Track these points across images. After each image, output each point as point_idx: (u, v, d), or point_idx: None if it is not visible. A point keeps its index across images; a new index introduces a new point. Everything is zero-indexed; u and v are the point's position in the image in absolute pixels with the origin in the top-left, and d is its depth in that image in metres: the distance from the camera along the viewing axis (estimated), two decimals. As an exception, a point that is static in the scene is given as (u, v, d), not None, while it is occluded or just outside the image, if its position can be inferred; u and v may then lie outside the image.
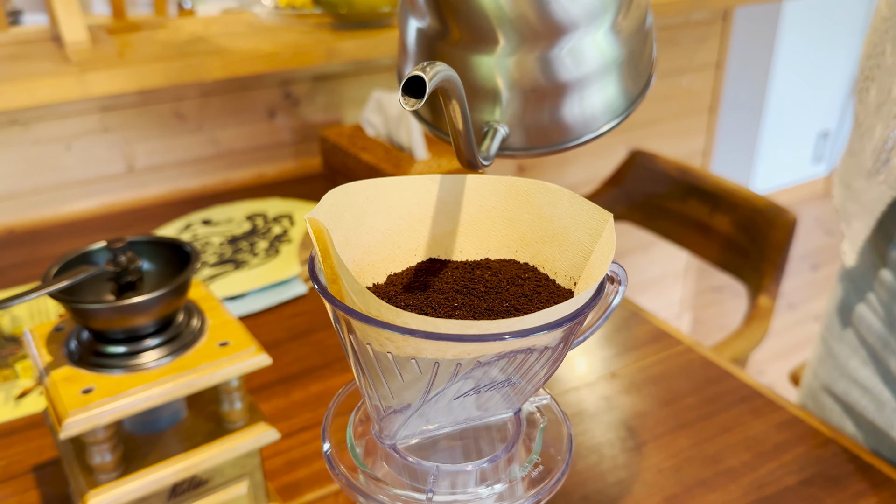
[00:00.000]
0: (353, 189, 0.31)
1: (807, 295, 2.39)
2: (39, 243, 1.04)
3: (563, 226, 0.32)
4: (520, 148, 0.37)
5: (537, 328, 0.24)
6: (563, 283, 0.32)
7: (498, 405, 0.30)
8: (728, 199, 1.23)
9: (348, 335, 0.27)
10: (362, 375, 0.28)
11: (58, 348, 0.53)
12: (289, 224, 1.05)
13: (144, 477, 0.52)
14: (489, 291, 0.30)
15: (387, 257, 0.33)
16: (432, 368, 0.25)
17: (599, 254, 0.29)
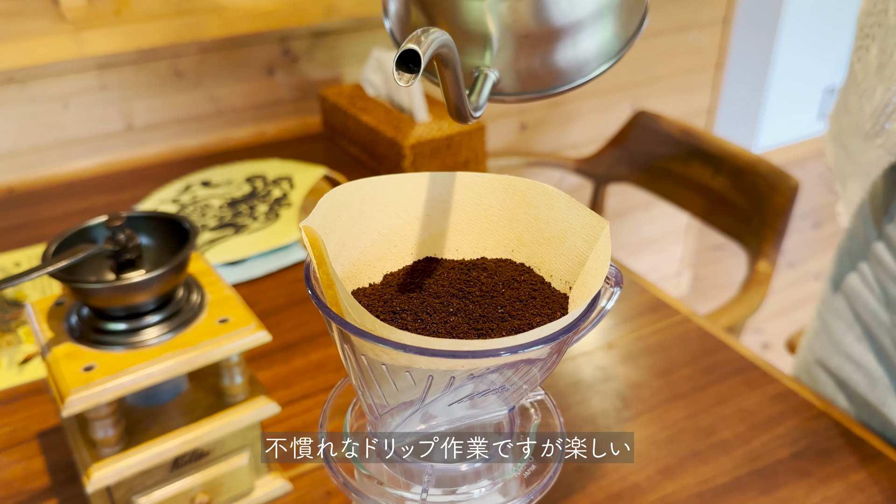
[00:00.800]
0: (348, 189, 0.31)
1: (807, 253, 2.39)
2: (40, 204, 1.03)
3: (560, 229, 0.32)
4: (511, 93, 0.36)
5: (531, 344, 0.25)
6: (558, 287, 0.32)
7: (493, 405, 0.30)
8: (731, 161, 1.22)
9: (343, 344, 0.27)
10: (357, 379, 0.28)
11: (59, 324, 0.54)
12: (288, 187, 1.05)
13: (147, 450, 0.53)
14: (485, 296, 0.30)
15: (383, 256, 0.33)
16: (426, 379, 0.26)
17: (595, 261, 0.29)
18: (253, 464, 0.58)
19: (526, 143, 1.65)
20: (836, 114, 0.67)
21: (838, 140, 0.65)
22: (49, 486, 0.61)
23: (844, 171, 0.64)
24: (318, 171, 1.08)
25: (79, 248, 0.50)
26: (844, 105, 0.65)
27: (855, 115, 0.62)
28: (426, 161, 1.06)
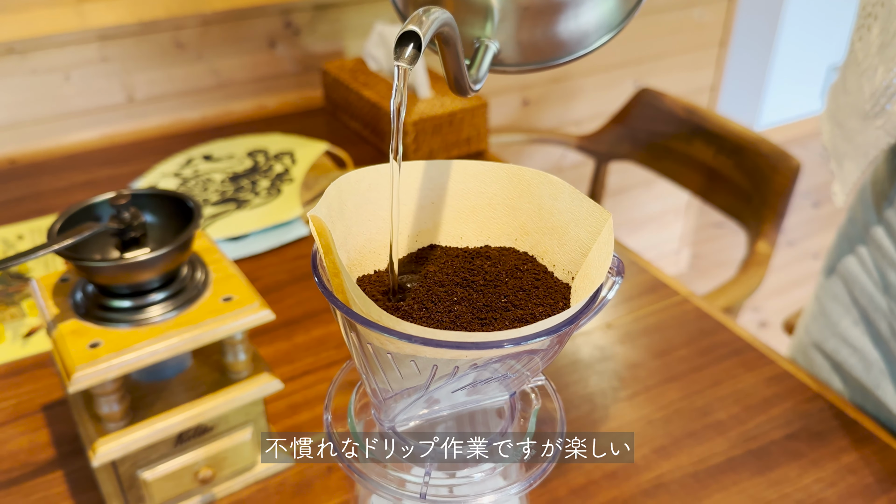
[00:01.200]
0: (354, 177, 0.31)
1: (807, 232, 2.40)
2: (41, 176, 1.03)
3: (563, 220, 0.32)
4: (512, 64, 0.36)
5: (534, 336, 0.25)
6: (560, 277, 0.32)
7: (495, 391, 0.31)
8: (733, 141, 1.22)
9: (349, 332, 0.27)
10: (363, 365, 0.29)
11: (64, 300, 0.54)
12: (290, 162, 1.05)
13: (152, 426, 0.53)
14: (488, 285, 0.30)
15: (388, 243, 0.33)
16: (431, 368, 0.26)
17: (598, 253, 0.30)
18: (256, 439, 0.59)
19: (528, 119, 1.65)
20: (835, 93, 0.67)
21: (835, 119, 0.65)
22: (54, 459, 0.62)
23: (841, 150, 0.64)
24: (319, 147, 1.08)
25: (84, 227, 0.50)
26: (843, 84, 0.64)
27: (854, 94, 0.62)
28: (428, 138, 1.06)
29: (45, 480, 0.60)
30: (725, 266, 2.17)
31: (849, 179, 0.64)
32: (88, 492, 0.59)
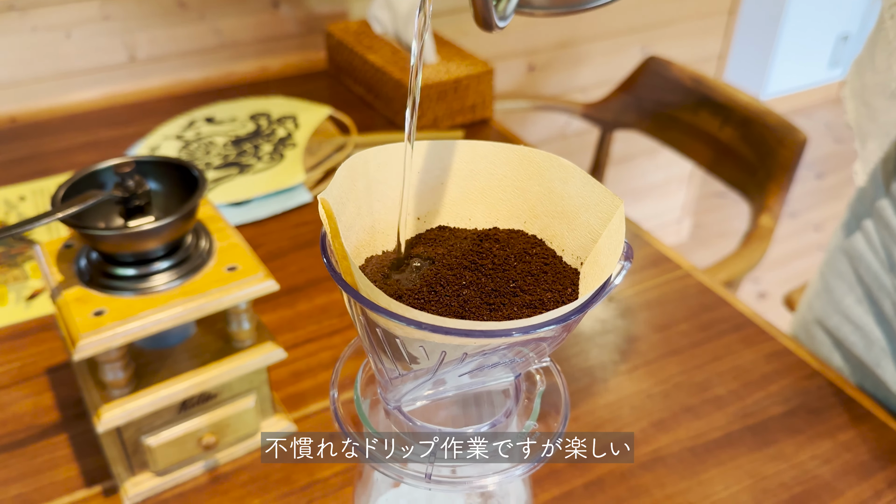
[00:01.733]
0: (365, 157, 0.31)
1: (809, 203, 2.39)
2: (43, 136, 1.03)
3: (573, 205, 0.32)
4: (539, 6, 0.35)
5: (543, 324, 0.25)
6: (569, 261, 0.32)
7: (500, 373, 0.31)
8: (740, 112, 1.21)
9: (359, 315, 0.28)
10: (370, 347, 0.29)
11: (68, 266, 0.54)
12: (293, 126, 1.04)
13: (156, 393, 0.54)
14: (497, 269, 0.30)
15: (396, 224, 0.33)
16: (439, 354, 0.26)
17: (608, 240, 0.30)
18: (259, 406, 0.60)
19: (534, 84, 1.63)
20: (860, 68, 0.66)
21: (861, 97, 0.64)
22: (59, 422, 0.62)
23: (865, 129, 0.64)
24: (322, 111, 1.07)
25: (88, 195, 0.50)
26: (871, 62, 0.63)
27: (883, 73, 0.61)
28: (433, 104, 1.05)
29: (50, 443, 0.60)
30: (727, 236, 2.17)
31: (870, 159, 0.63)
32: (92, 455, 0.60)
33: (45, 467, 0.59)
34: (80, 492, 0.57)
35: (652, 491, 0.58)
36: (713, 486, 0.59)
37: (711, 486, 0.59)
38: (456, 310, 0.28)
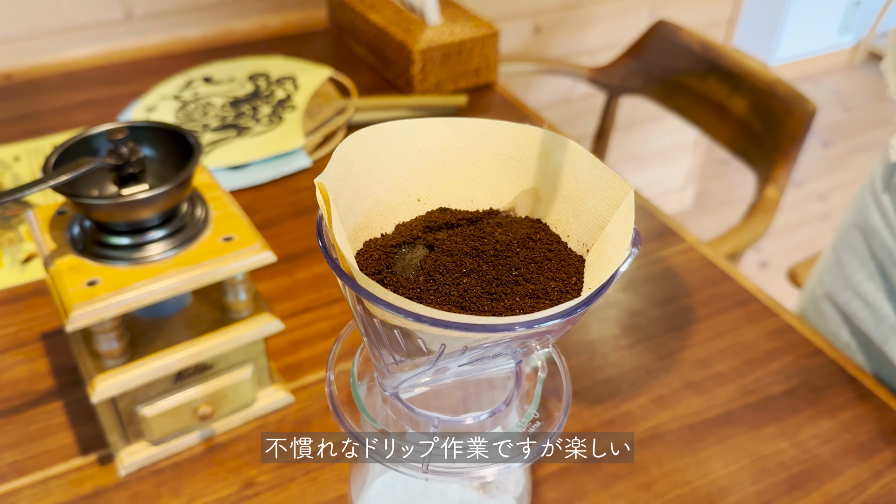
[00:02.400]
0: (363, 136, 0.30)
1: (814, 173, 2.37)
2: (38, 94, 1.01)
3: (581, 189, 0.30)
4: None
5: (547, 318, 0.24)
6: (574, 248, 0.31)
7: (501, 361, 0.30)
8: (749, 81, 1.18)
9: (356, 304, 0.26)
10: (368, 337, 0.28)
11: (61, 234, 0.53)
12: (292, 88, 1.02)
13: (151, 363, 0.53)
14: (498, 255, 0.29)
15: (396, 205, 0.32)
16: (439, 346, 0.25)
17: (616, 228, 0.28)
18: (256, 377, 0.59)
19: (539, 47, 1.60)
20: None
21: None
22: (54, 389, 0.62)
23: None
24: (322, 72, 1.05)
25: (80, 162, 0.48)
26: None
27: None
28: (436, 68, 1.03)
29: (45, 411, 0.60)
30: (730, 205, 2.16)
31: None
32: (88, 423, 0.59)
33: (40, 435, 0.58)
34: (75, 460, 0.57)
35: (650, 468, 0.58)
36: (712, 465, 0.58)
37: (710, 464, 0.59)
38: (456, 299, 0.27)
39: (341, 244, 0.25)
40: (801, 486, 0.57)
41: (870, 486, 0.57)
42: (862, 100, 2.75)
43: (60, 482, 0.55)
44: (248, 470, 0.57)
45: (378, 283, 0.24)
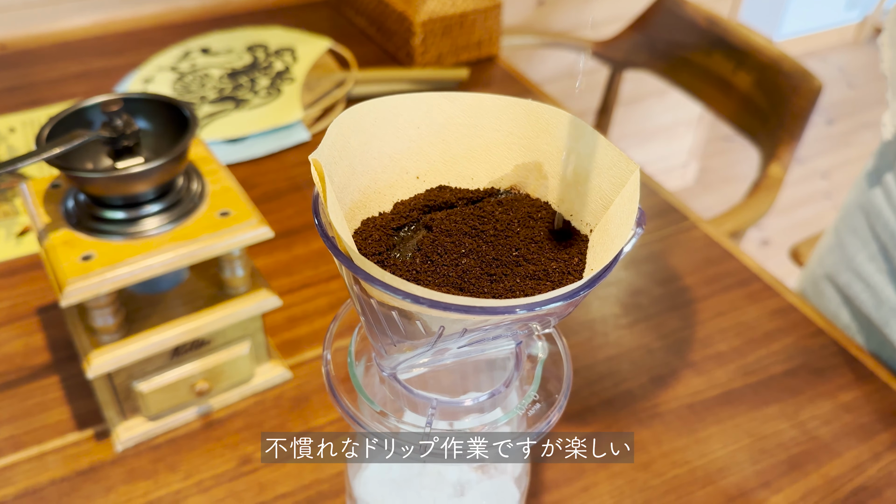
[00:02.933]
0: (360, 111, 0.29)
1: (818, 150, 2.35)
2: (33, 65, 0.99)
3: (584, 167, 0.30)
4: None
5: (548, 301, 0.24)
6: (577, 227, 0.30)
7: (501, 342, 0.29)
8: (754, 56, 1.17)
9: (353, 284, 0.26)
10: (366, 318, 0.27)
11: (55, 208, 0.52)
12: (291, 59, 1.00)
13: (147, 339, 0.53)
14: (498, 235, 0.28)
15: (394, 183, 0.31)
16: (437, 329, 0.25)
17: (621, 208, 0.28)
18: (253, 353, 0.59)
19: (543, 19, 1.58)
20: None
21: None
22: (50, 364, 0.61)
23: None
24: (322, 44, 1.03)
25: (74, 134, 0.48)
26: None
27: None
28: (437, 40, 1.01)
29: (41, 385, 0.60)
30: (732, 181, 2.14)
31: None
32: (84, 398, 0.59)
33: (36, 410, 0.58)
34: (71, 435, 0.56)
35: (649, 448, 0.58)
36: (711, 445, 0.58)
37: (709, 444, 0.58)
38: (455, 280, 0.26)
39: (337, 224, 0.24)
40: (801, 466, 0.57)
41: (869, 467, 0.57)
42: (867, 77, 2.73)
43: (57, 457, 0.55)
44: (245, 446, 0.57)
45: (376, 265, 0.23)
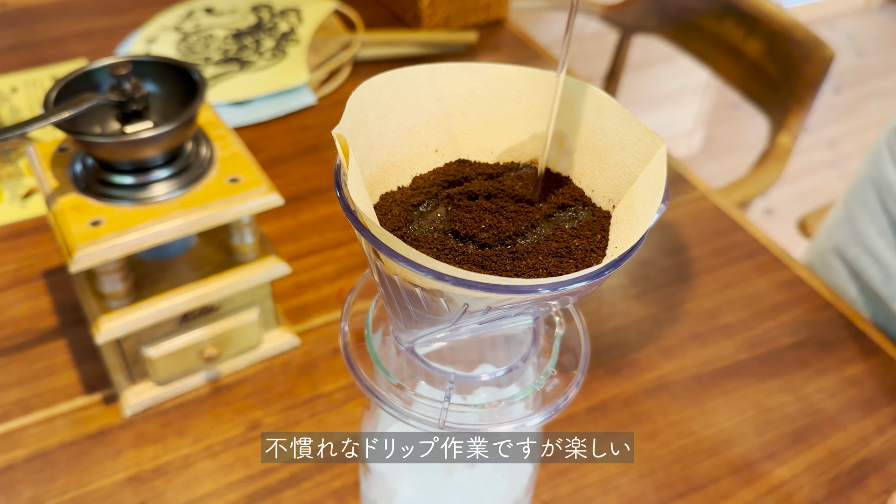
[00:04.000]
0: (378, 83, 0.28)
1: (824, 119, 2.33)
2: (34, 24, 0.97)
3: (608, 141, 0.29)
4: None
5: (573, 281, 0.23)
6: (599, 203, 0.30)
7: (520, 318, 0.29)
8: (766, 24, 1.15)
9: (375, 260, 0.25)
10: (385, 292, 0.27)
11: (63, 172, 0.52)
12: (296, 20, 0.99)
13: (156, 305, 0.53)
14: (519, 211, 0.28)
15: (412, 156, 0.30)
16: (461, 307, 0.24)
17: (646, 184, 0.27)
18: (262, 319, 0.59)
19: (549, -18, 1.55)
20: None
21: None
22: (57, 327, 0.61)
23: None
24: (327, 5, 1.01)
25: (82, 98, 0.47)
26: None
27: None
28: (445, 2, 1.00)
29: (48, 349, 0.60)
30: (738, 150, 2.13)
31: None
32: (92, 362, 0.59)
33: (44, 373, 0.58)
34: (79, 399, 0.57)
35: (655, 418, 0.58)
36: (717, 416, 0.59)
37: (715, 415, 0.59)
38: (475, 258, 0.26)
39: (360, 203, 0.23)
40: (805, 438, 0.57)
41: (873, 440, 0.58)
42: (877, 45, 2.69)
43: (66, 421, 0.55)
44: (253, 411, 0.57)
45: (398, 239, 0.23)
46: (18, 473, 0.52)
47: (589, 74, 1.68)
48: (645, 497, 0.53)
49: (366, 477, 0.37)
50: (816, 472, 0.55)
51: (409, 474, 0.34)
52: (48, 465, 0.53)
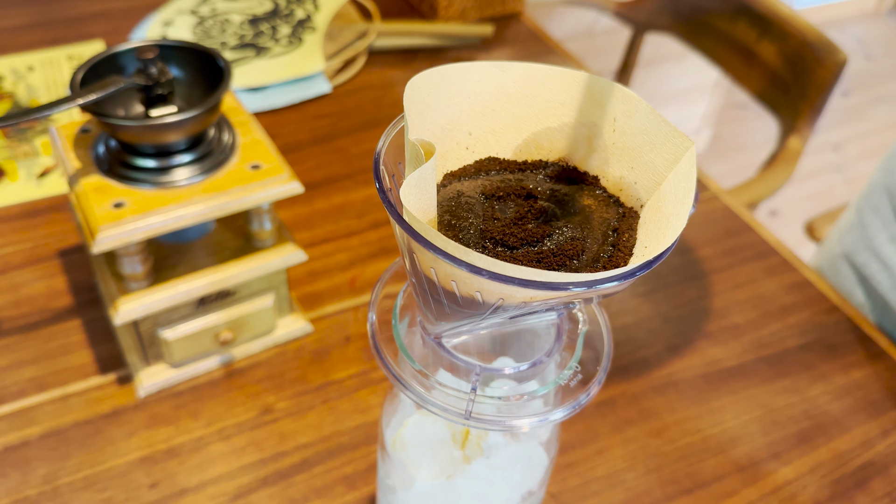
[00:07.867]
0: (416, 83, 0.28)
1: (830, 122, 2.33)
2: (52, 3, 0.97)
3: (637, 142, 0.30)
4: None
5: (608, 279, 0.24)
6: (627, 202, 0.30)
7: (547, 314, 0.30)
8: (779, 25, 1.15)
9: (410, 254, 0.26)
10: (419, 287, 0.27)
11: (86, 153, 0.52)
12: (312, 7, 0.99)
13: (174, 288, 0.53)
14: (546, 210, 0.29)
15: (444, 154, 0.31)
16: (495, 302, 0.25)
17: (675, 185, 0.28)
18: (277, 305, 0.59)
19: (563, -23, 1.55)
20: None
21: None
22: (72, 307, 0.62)
23: None
24: (345, -6, 1.01)
25: (108, 81, 0.47)
26: None
27: None
28: (461, -5, 1.00)
29: (63, 328, 0.60)
30: (744, 150, 2.13)
31: None
32: (107, 343, 0.60)
33: (59, 352, 0.59)
34: (94, 378, 0.57)
35: (662, 415, 0.59)
36: (723, 415, 0.59)
37: (721, 414, 0.59)
38: (505, 255, 0.27)
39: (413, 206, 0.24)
40: (810, 440, 0.58)
41: (877, 443, 0.58)
42: (886, 49, 2.69)
43: (80, 400, 0.56)
44: (266, 396, 0.57)
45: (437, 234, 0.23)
46: (33, 450, 0.53)
47: (600, 70, 1.68)
48: (651, 492, 0.54)
49: (384, 462, 0.38)
50: (820, 474, 0.56)
51: (428, 462, 0.35)
52: (62, 443, 0.53)
